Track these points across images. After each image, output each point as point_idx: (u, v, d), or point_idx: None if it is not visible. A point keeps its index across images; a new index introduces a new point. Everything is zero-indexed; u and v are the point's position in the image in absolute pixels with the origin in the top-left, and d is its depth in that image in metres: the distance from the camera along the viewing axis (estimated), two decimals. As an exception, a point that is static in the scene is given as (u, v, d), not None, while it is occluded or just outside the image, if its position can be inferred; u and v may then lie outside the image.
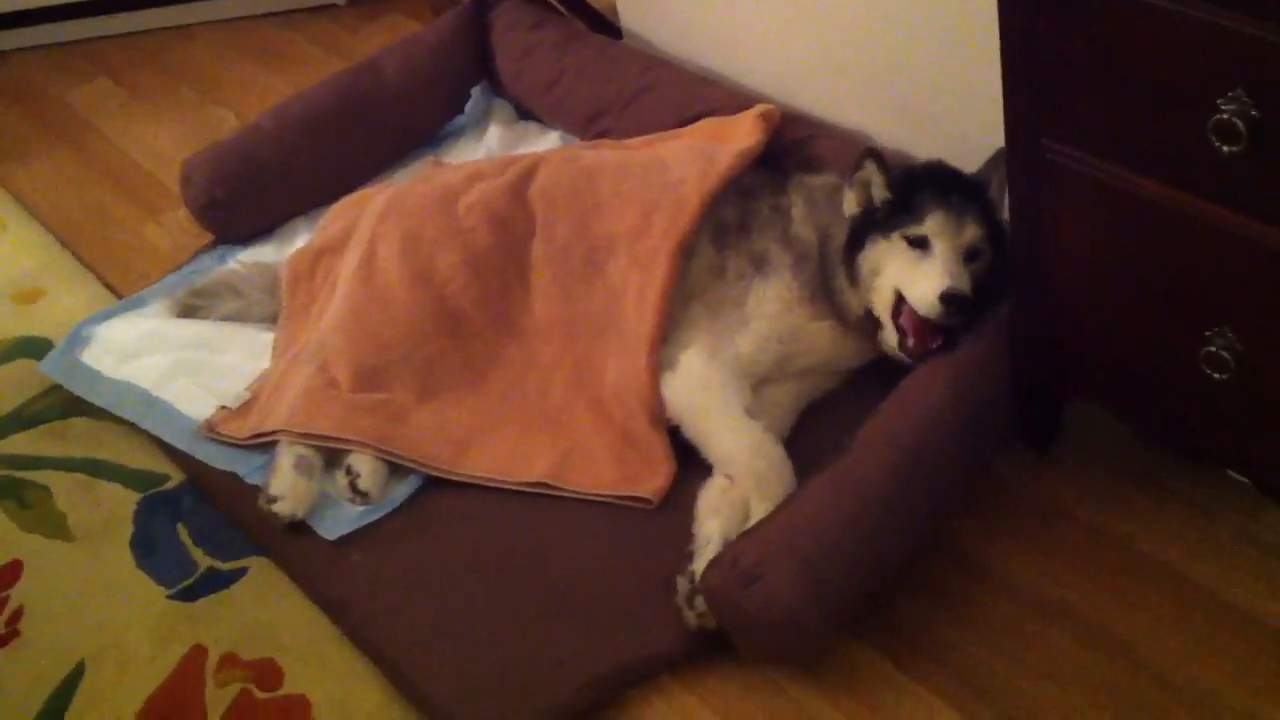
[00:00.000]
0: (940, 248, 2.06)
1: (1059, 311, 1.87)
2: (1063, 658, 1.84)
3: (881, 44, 2.41)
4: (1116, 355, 1.85)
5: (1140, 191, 1.62)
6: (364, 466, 2.12)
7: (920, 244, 2.07)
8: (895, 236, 2.09)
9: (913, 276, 2.05)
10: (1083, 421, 2.12)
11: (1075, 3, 1.55)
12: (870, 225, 2.13)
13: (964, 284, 2.02)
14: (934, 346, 2.04)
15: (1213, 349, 1.65)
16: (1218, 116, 1.45)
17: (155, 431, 2.29)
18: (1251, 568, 1.91)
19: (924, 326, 2.05)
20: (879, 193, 2.15)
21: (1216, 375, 1.66)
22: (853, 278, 2.13)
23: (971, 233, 2.07)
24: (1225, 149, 1.47)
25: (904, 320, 2.06)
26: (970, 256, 2.07)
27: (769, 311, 2.17)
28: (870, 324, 2.14)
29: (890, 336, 2.10)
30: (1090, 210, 1.71)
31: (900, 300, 2.07)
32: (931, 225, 2.07)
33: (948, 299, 2.00)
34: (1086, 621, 1.88)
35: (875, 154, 2.16)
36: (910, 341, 2.05)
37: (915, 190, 2.12)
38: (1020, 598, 1.93)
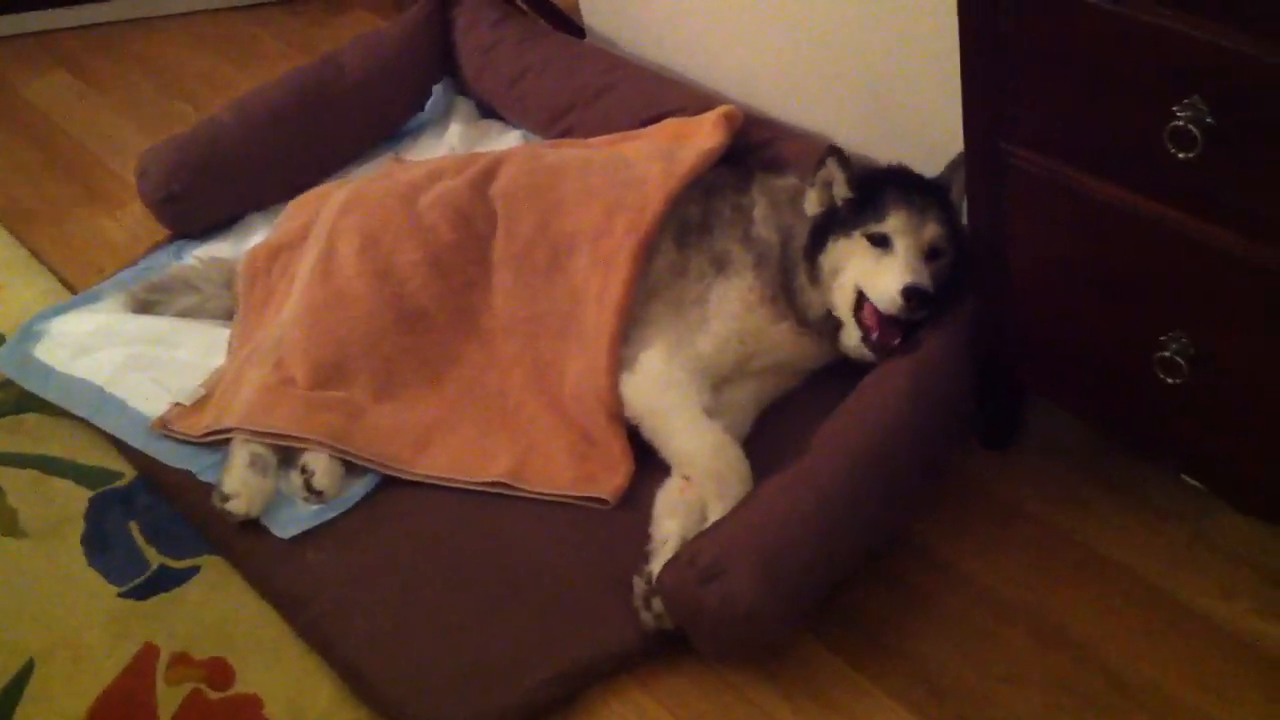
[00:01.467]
0: (901, 245, 2.06)
1: (1018, 312, 1.89)
2: (1020, 657, 1.85)
3: (845, 47, 2.41)
4: (1075, 356, 1.86)
5: (1097, 195, 1.63)
6: (319, 464, 2.10)
7: (882, 242, 2.07)
8: (857, 235, 2.10)
9: (874, 273, 2.06)
10: (1043, 421, 2.13)
11: (1034, 7, 1.56)
12: (832, 225, 2.14)
13: (925, 279, 2.02)
14: (896, 342, 2.04)
15: (1167, 353, 1.66)
16: (1174, 123, 1.46)
17: (108, 428, 2.27)
18: (1206, 569, 1.92)
19: (885, 322, 2.05)
20: (840, 191, 2.15)
21: (1170, 379, 1.67)
22: (814, 277, 2.13)
23: (932, 231, 2.08)
24: (1180, 155, 1.47)
25: (866, 316, 2.07)
26: (931, 255, 2.08)
27: (730, 311, 2.16)
28: (830, 325, 2.14)
29: (850, 336, 2.10)
30: (1048, 213, 1.72)
31: (862, 298, 2.08)
32: (893, 223, 2.08)
33: (909, 293, 2.00)
34: (1043, 621, 1.89)
35: (837, 152, 2.16)
36: (874, 334, 2.05)
37: (877, 190, 2.13)
38: (978, 597, 1.94)
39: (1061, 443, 2.12)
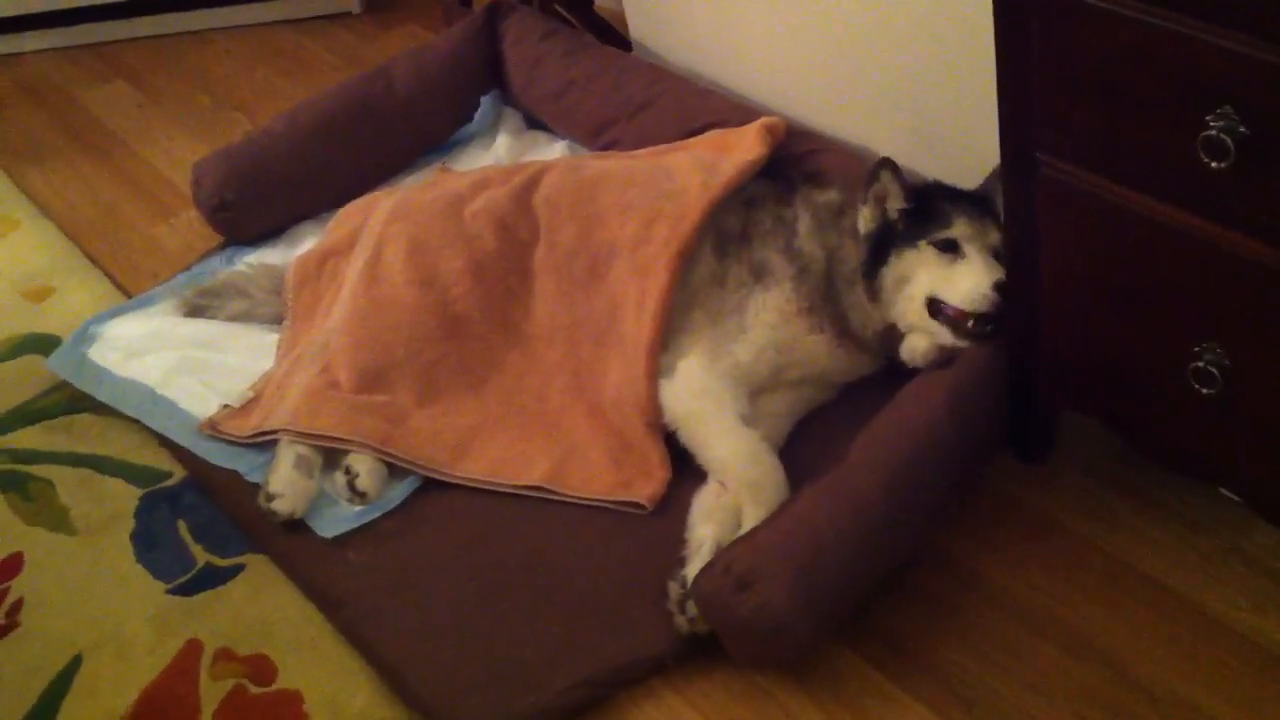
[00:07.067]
0: (973, 249, 2.07)
1: (1051, 323, 1.89)
2: (1049, 669, 1.85)
3: (887, 60, 2.42)
4: (1108, 368, 1.86)
5: (1131, 205, 1.64)
6: (363, 466, 2.13)
7: (950, 248, 2.09)
8: (923, 245, 2.10)
9: (951, 278, 2.06)
10: (1074, 433, 2.13)
11: (1069, 19, 1.57)
12: (890, 238, 2.14)
13: (1003, 274, 2.01)
14: (989, 327, 2.03)
15: (1201, 364, 1.66)
16: (1206, 133, 1.47)
17: (159, 428, 2.32)
18: (1238, 583, 1.92)
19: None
20: (895, 204, 2.16)
21: (1205, 390, 1.68)
22: (873, 293, 2.14)
23: (996, 236, 2.08)
24: (1213, 165, 1.48)
25: (950, 313, 2.06)
26: (995, 258, 2.07)
27: (767, 321, 2.18)
28: (884, 341, 2.16)
29: (921, 341, 2.10)
30: (1082, 223, 1.73)
31: (935, 304, 2.08)
32: (960, 229, 2.09)
33: (1001, 287, 1.99)
34: (1074, 633, 1.89)
35: (890, 164, 2.17)
36: (970, 322, 2.04)
37: (931, 200, 2.15)
38: (1009, 608, 1.94)
39: (1093, 455, 2.12)
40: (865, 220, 2.19)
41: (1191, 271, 1.63)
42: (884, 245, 2.15)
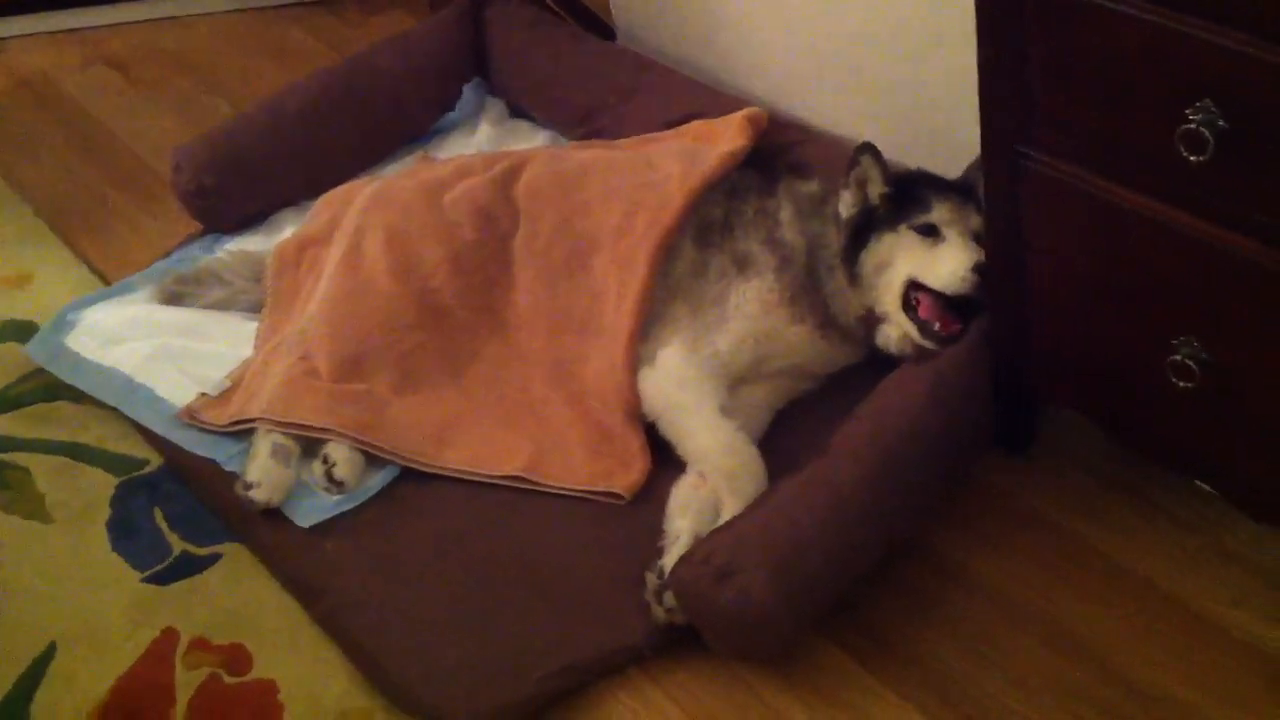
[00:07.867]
0: (953, 232, 2.08)
1: (1033, 315, 1.89)
2: (1032, 663, 1.85)
3: (871, 51, 2.42)
4: (1090, 360, 1.86)
5: (1111, 198, 1.64)
6: (340, 455, 2.12)
7: (930, 232, 2.09)
8: (903, 229, 2.11)
9: (930, 262, 2.07)
10: (1059, 428, 2.13)
11: (1051, 13, 1.57)
12: (871, 223, 2.14)
13: (982, 256, 2.01)
14: (958, 328, 2.04)
15: (1179, 357, 1.66)
16: (1186, 126, 1.47)
17: (136, 416, 2.30)
18: (1220, 578, 1.91)
19: (944, 311, 2.06)
20: (876, 188, 2.16)
21: (1182, 384, 1.67)
22: (853, 278, 2.14)
23: (977, 221, 2.08)
24: (1192, 159, 1.48)
25: (924, 309, 2.07)
26: (977, 242, 2.07)
27: (748, 312, 2.17)
28: (863, 327, 2.15)
29: (893, 332, 2.12)
30: (1063, 215, 1.73)
31: (910, 292, 2.08)
32: (940, 213, 2.09)
33: (980, 269, 1.99)
34: (1057, 627, 1.89)
35: (871, 149, 2.17)
36: (937, 325, 2.05)
37: (912, 185, 2.15)
38: (992, 602, 1.93)
39: (1078, 450, 2.11)
40: (846, 204, 2.19)
41: (1169, 264, 1.63)
42: (865, 230, 2.15)
